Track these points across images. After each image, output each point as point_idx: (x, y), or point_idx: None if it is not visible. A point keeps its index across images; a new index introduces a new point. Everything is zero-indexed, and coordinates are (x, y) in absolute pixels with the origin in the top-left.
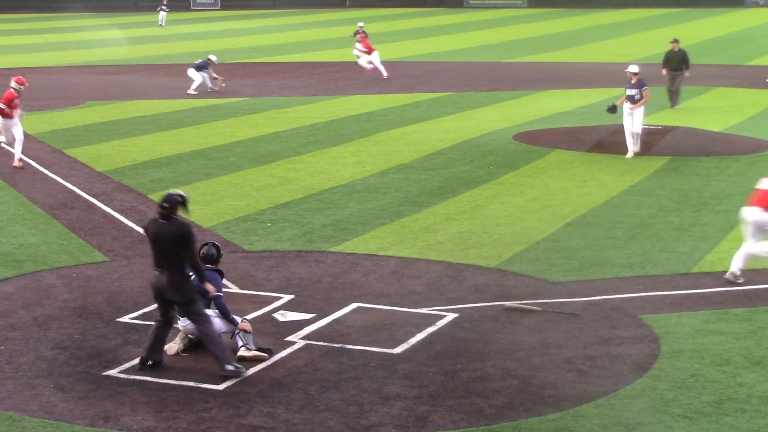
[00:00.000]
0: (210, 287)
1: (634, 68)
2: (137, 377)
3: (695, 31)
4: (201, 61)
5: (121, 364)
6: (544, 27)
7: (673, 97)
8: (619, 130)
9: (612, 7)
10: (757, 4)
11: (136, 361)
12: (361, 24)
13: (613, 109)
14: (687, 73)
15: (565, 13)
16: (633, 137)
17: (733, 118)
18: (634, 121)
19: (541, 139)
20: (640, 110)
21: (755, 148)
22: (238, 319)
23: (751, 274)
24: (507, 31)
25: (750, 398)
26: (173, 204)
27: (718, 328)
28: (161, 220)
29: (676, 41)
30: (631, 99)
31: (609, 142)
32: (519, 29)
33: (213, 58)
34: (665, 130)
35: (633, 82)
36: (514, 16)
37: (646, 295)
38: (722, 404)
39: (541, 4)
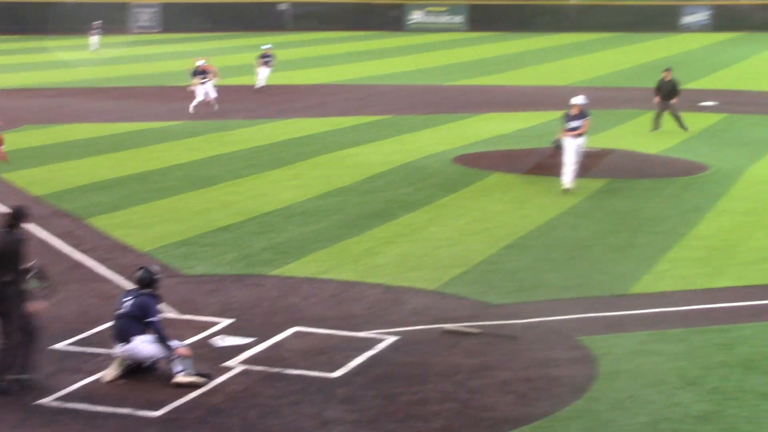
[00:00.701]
0: (34, 307)
1: (578, 100)
2: (72, 405)
3: (632, 56)
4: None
5: (55, 392)
6: (483, 50)
7: (657, 122)
8: (558, 152)
9: (551, 31)
10: (690, 30)
11: (71, 388)
12: (265, 46)
13: (558, 145)
14: (674, 100)
15: (505, 37)
16: (568, 167)
17: (669, 141)
18: (571, 151)
19: (480, 162)
20: (577, 141)
21: (690, 171)
22: (177, 343)
23: (686, 294)
24: (447, 55)
25: (685, 418)
26: (19, 215)
27: (654, 348)
28: (2, 229)
29: (668, 70)
30: (573, 131)
31: (548, 164)
32: (459, 52)
33: (200, 62)
34: (603, 153)
35: (575, 113)
36: (454, 39)
37: (584, 317)
38: (658, 424)
39: (480, 27)
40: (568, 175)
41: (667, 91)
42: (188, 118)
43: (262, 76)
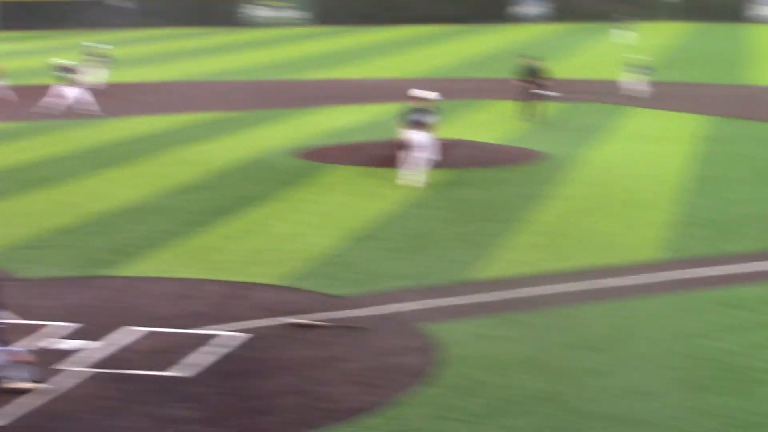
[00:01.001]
0: None
1: (428, 94)
2: None
3: (473, 47)
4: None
5: None
6: (327, 44)
7: (528, 111)
8: (401, 144)
9: (394, 24)
10: (529, 20)
11: None
12: (87, 44)
13: (403, 138)
14: (546, 83)
15: (349, 31)
16: (417, 163)
17: (510, 130)
18: (420, 146)
19: (324, 156)
20: (426, 136)
21: (530, 159)
22: (16, 349)
23: (528, 279)
24: (291, 49)
25: (527, 399)
26: None
27: (497, 333)
28: None
29: (525, 56)
30: (421, 125)
31: (391, 156)
32: (303, 47)
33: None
34: (447, 143)
35: (422, 107)
36: (298, 34)
37: (428, 305)
38: (500, 407)
39: (325, 22)
40: (417, 171)
41: (525, 74)
42: (22, 118)
43: (95, 75)
